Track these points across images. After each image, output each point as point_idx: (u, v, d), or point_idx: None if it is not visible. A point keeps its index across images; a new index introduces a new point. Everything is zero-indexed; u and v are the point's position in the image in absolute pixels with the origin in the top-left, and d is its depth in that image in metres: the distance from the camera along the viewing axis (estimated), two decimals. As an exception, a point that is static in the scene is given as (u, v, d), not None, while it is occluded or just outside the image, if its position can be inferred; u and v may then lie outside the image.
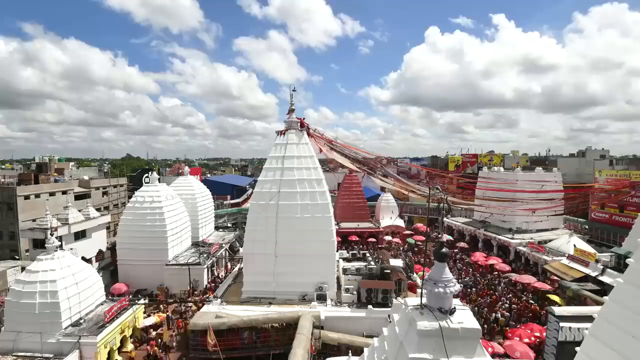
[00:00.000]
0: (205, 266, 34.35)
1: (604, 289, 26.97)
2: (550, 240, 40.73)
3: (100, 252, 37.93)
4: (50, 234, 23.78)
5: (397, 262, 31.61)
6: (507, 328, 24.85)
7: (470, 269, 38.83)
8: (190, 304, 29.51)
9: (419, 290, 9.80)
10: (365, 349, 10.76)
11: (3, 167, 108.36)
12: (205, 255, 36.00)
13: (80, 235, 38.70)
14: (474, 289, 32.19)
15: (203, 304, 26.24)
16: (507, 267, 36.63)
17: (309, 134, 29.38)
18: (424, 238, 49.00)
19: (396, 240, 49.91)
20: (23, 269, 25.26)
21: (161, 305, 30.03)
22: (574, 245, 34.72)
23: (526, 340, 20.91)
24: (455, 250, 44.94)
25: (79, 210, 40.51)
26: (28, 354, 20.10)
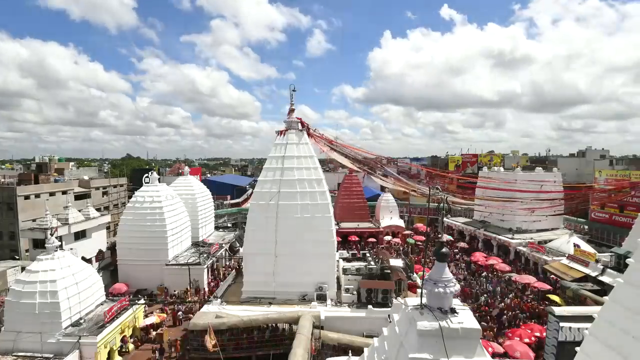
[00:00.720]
0: (206, 266, 34.35)
1: (604, 289, 26.98)
2: (550, 240, 40.73)
3: (100, 252, 37.92)
4: (50, 234, 23.80)
5: (397, 262, 31.59)
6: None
7: (467, 267, 38.83)
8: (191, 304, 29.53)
9: (419, 290, 9.80)
10: (365, 349, 10.76)
11: (3, 167, 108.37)
12: (205, 255, 35.99)
13: (80, 235, 38.74)
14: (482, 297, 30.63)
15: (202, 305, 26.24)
16: (507, 267, 36.63)
17: (309, 134, 29.38)
18: (424, 238, 49.02)
19: (396, 240, 49.91)
20: (23, 269, 25.27)
21: (162, 305, 30.04)
22: (574, 245, 34.71)
23: (526, 340, 20.92)
24: (455, 250, 44.93)
25: (79, 210, 40.55)
26: (28, 354, 20.10)
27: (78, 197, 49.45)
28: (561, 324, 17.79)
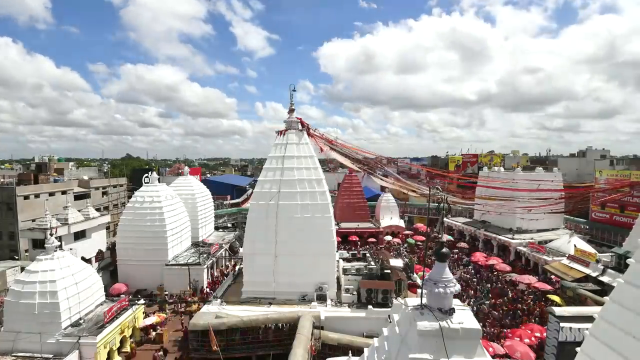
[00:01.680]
0: (205, 266, 34.32)
1: (604, 289, 26.95)
2: (550, 241, 40.71)
3: (100, 252, 37.92)
4: (50, 234, 23.78)
5: (397, 262, 31.57)
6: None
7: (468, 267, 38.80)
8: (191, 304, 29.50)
9: (419, 290, 9.77)
10: (366, 349, 10.73)
11: (3, 167, 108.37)
12: (205, 255, 35.97)
13: (80, 235, 38.71)
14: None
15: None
16: (507, 267, 36.61)
17: (309, 134, 29.36)
18: (424, 238, 49.00)
19: (396, 240, 49.89)
20: (23, 269, 25.22)
21: (164, 305, 30.02)
22: (574, 246, 34.69)
23: (526, 340, 20.90)
24: (455, 250, 44.90)
25: (79, 210, 40.52)
26: (28, 354, 20.08)
27: (78, 197, 49.39)
28: (561, 324, 17.78)
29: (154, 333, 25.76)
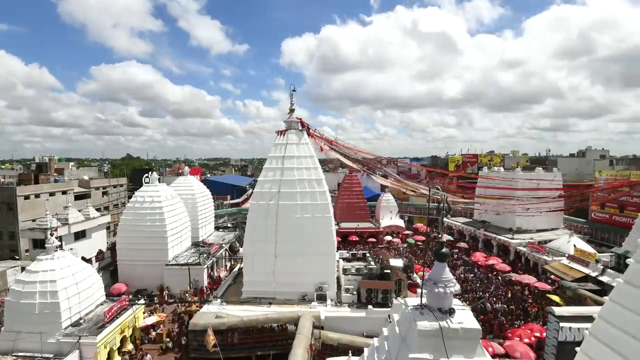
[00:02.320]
0: (205, 266, 34.33)
1: (604, 289, 26.97)
2: (550, 240, 40.72)
3: (100, 252, 37.93)
4: (50, 234, 23.78)
5: (397, 262, 31.59)
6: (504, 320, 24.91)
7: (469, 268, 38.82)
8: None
9: (419, 290, 9.79)
10: (365, 349, 10.75)
11: (3, 167, 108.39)
12: (205, 255, 35.98)
13: (80, 235, 38.73)
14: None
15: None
16: (507, 267, 36.63)
17: (308, 134, 29.38)
18: (424, 238, 49.03)
19: (396, 240, 49.91)
20: (23, 269, 25.25)
21: (163, 305, 30.04)
22: (574, 246, 34.71)
23: (526, 340, 20.92)
24: (455, 250, 44.93)
25: (79, 210, 40.54)
26: (28, 354, 20.08)
27: (78, 197, 49.43)
28: (561, 324, 17.80)
29: (154, 333, 25.78)
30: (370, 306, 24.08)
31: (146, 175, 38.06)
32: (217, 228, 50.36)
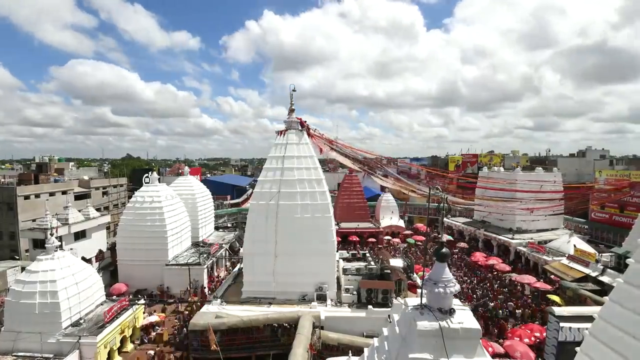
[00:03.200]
0: (205, 266, 34.33)
1: (604, 289, 26.97)
2: (550, 241, 40.72)
3: (100, 252, 37.93)
4: (50, 234, 23.78)
5: (397, 262, 31.59)
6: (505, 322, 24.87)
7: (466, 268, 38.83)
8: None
9: (419, 290, 9.80)
10: (365, 349, 10.75)
11: (3, 167, 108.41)
12: (205, 256, 35.98)
13: (80, 235, 38.76)
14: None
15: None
16: (507, 267, 36.64)
17: (308, 134, 29.37)
18: (424, 238, 49.01)
19: (396, 240, 49.89)
20: (23, 269, 25.26)
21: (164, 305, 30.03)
22: (574, 246, 34.71)
23: (526, 340, 20.91)
24: (455, 250, 44.95)
25: (79, 210, 40.56)
26: (28, 354, 20.09)
27: (78, 197, 49.43)
28: (561, 324, 17.80)
29: (154, 333, 25.78)
30: (370, 306, 24.08)
31: (146, 175, 38.05)
32: (217, 228, 50.35)
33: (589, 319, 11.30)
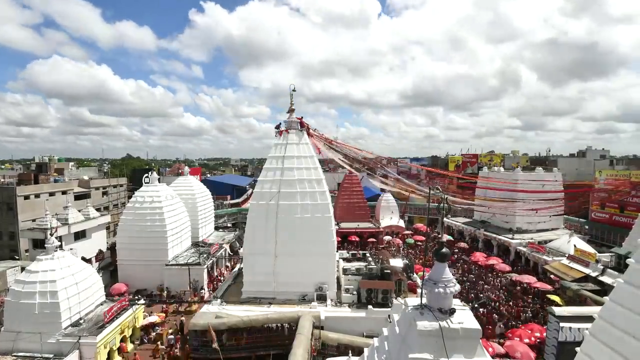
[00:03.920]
0: (205, 266, 34.33)
1: (604, 289, 26.96)
2: (550, 241, 40.72)
3: (100, 252, 37.92)
4: (50, 234, 23.78)
5: (397, 262, 31.57)
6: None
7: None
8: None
9: (419, 290, 9.79)
10: (366, 349, 10.74)
11: (3, 167, 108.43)
12: (205, 256, 35.98)
13: (80, 235, 38.78)
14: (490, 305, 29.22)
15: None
16: (507, 267, 36.63)
17: (308, 134, 29.37)
18: (424, 238, 49.01)
19: (397, 241, 49.87)
20: (23, 269, 25.26)
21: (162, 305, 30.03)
22: (574, 246, 34.70)
23: (526, 340, 20.91)
24: (455, 250, 44.92)
25: (79, 211, 40.58)
26: (28, 354, 20.08)
27: (78, 197, 49.44)
28: (561, 324, 17.79)
29: (154, 333, 25.77)
30: (370, 306, 24.06)
31: (146, 175, 38.04)
32: (217, 228, 50.34)
33: (589, 319, 11.29)
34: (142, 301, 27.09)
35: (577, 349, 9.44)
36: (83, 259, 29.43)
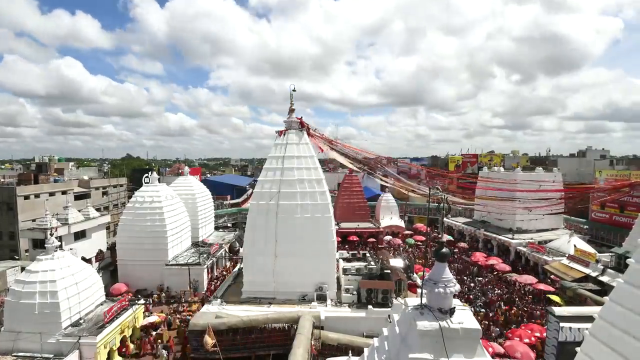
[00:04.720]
0: (205, 266, 34.33)
1: (604, 289, 26.96)
2: (550, 241, 40.72)
3: (100, 252, 37.92)
4: (50, 234, 23.76)
5: (397, 262, 31.57)
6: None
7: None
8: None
9: (419, 290, 9.79)
10: (365, 349, 10.75)
11: (3, 167, 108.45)
12: (205, 256, 35.98)
13: (80, 235, 38.77)
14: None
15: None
16: (507, 267, 36.63)
17: (308, 134, 29.37)
18: (424, 238, 49.02)
19: (397, 241, 49.89)
20: (23, 269, 25.24)
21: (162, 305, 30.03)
22: (574, 246, 34.71)
23: (526, 340, 20.91)
24: (455, 250, 44.92)
25: (79, 210, 40.58)
26: (28, 354, 20.06)
27: (78, 197, 49.45)
28: (561, 324, 17.77)
29: (154, 333, 25.75)
30: (370, 306, 24.06)
31: (146, 175, 38.04)
32: (217, 228, 50.34)
33: (589, 319, 11.30)
34: (142, 301, 27.08)
35: (577, 349, 9.45)
36: (83, 259, 29.43)
